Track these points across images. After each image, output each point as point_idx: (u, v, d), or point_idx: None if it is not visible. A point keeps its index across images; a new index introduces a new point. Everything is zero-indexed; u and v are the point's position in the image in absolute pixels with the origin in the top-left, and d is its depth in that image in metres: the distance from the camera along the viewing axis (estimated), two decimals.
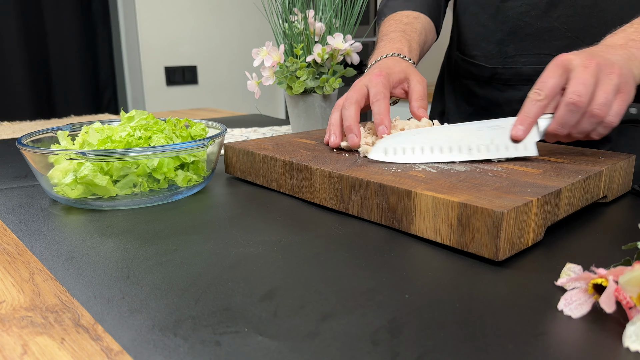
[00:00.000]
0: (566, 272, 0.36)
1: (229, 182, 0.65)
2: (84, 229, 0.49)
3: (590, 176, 0.49)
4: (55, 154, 0.53)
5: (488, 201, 0.40)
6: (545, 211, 0.43)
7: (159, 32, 2.66)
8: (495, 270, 0.39)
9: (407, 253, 0.42)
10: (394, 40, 0.77)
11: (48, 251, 0.43)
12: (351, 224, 0.49)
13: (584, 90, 0.49)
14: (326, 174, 0.52)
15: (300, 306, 0.33)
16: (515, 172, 0.50)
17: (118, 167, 0.54)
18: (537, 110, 0.52)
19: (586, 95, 0.49)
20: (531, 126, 0.53)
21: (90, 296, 0.35)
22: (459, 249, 0.42)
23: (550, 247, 0.43)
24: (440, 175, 0.49)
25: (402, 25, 0.81)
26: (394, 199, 0.46)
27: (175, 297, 0.35)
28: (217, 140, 0.59)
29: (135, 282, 0.37)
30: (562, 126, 0.51)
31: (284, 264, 0.40)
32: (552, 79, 0.51)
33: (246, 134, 1.02)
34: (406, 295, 0.35)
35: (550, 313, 0.32)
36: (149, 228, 0.48)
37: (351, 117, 0.60)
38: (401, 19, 0.83)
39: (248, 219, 0.51)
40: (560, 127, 0.51)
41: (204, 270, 0.39)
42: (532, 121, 0.52)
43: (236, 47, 2.96)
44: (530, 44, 0.76)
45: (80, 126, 0.66)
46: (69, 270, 0.39)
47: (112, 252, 0.43)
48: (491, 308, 0.33)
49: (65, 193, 0.54)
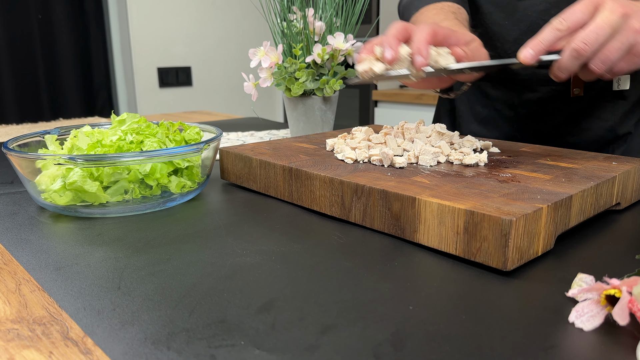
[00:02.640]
0: (577, 282, 0.36)
1: (225, 189, 0.65)
2: (73, 237, 0.49)
3: (602, 182, 0.49)
4: (43, 159, 0.53)
5: (496, 208, 0.40)
6: (555, 219, 0.43)
7: (151, 32, 2.67)
8: (503, 280, 0.39)
9: (411, 263, 0.42)
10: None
11: (35, 261, 0.44)
12: (352, 232, 0.49)
13: (593, 40, 0.51)
14: (326, 180, 0.52)
15: (300, 318, 0.34)
16: (524, 177, 0.50)
17: (109, 172, 0.55)
18: (553, 39, 0.53)
19: (593, 45, 0.51)
20: (541, 53, 0.54)
21: (80, 308, 0.35)
22: (466, 258, 0.42)
23: (561, 256, 0.43)
24: (446, 182, 0.49)
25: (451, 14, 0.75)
26: (397, 206, 0.46)
27: (169, 309, 0.35)
28: (212, 144, 0.60)
29: (126, 293, 0.37)
30: (560, 70, 0.54)
31: (283, 274, 0.40)
32: (580, 13, 0.52)
33: (243, 138, 1.02)
34: (410, 306, 0.35)
35: (561, 325, 0.33)
36: (141, 236, 0.49)
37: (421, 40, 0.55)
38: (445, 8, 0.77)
39: (245, 227, 0.51)
40: (559, 71, 0.54)
41: (198, 280, 0.39)
42: (544, 48, 0.54)
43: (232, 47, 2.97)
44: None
45: (69, 130, 0.66)
46: (57, 281, 0.40)
47: (102, 261, 0.43)
48: (499, 320, 0.33)
49: (53, 200, 0.54)
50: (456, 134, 0.63)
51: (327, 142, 0.65)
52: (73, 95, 2.59)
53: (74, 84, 2.57)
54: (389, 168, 0.55)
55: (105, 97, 2.73)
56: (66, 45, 2.52)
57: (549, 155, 0.60)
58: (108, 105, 2.74)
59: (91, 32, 2.61)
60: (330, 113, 0.90)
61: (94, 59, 2.64)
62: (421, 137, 0.61)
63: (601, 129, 0.79)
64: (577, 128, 0.80)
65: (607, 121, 0.78)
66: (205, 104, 2.93)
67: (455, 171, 0.53)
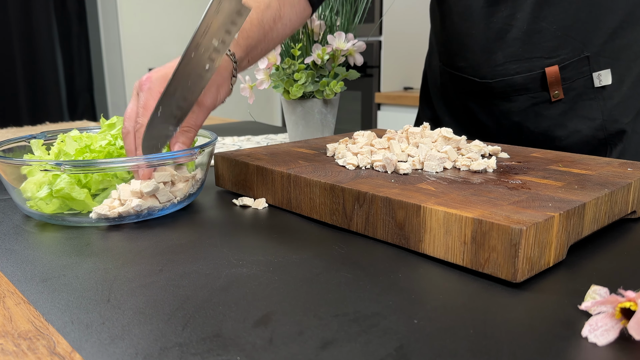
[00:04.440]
0: (591, 295, 0.36)
1: (220, 196, 0.66)
2: (60, 247, 0.49)
3: (617, 189, 0.49)
4: (29, 164, 0.54)
5: (505, 217, 0.41)
6: (568, 228, 0.43)
7: (142, 30, 2.68)
8: (513, 293, 0.39)
9: (415, 274, 0.42)
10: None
11: (20, 272, 0.44)
12: (354, 242, 0.49)
13: None
14: (327, 187, 0.53)
15: (298, 332, 0.34)
16: (534, 184, 0.50)
17: (97, 179, 0.55)
18: None
19: None
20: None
21: (67, 321, 0.36)
22: (473, 269, 0.42)
23: (574, 267, 0.43)
24: (452, 189, 0.49)
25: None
26: (401, 214, 0.46)
27: (161, 323, 0.35)
28: (206, 149, 0.60)
29: (116, 306, 0.37)
30: None
31: (281, 285, 0.40)
32: None
33: (239, 143, 1.02)
34: (415, 320, 0.35)
35: (573, 340, 0.33)
36: (132, 246, 0.49)
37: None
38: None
39: (241, 237, 0.51)
40: None
41: (192, 292, 0.39)
42: None
43: None
44: (520, 48, 0.78)
45: (56, 134, 0.66)
46: (43, 293, 0.40)
47: (91, 272, 0.43)
48: (509, 335, 0.33)
49: (39, 208, 0.54)
50: (463, 139, 0.63)
51: (328, 147, 0.65)
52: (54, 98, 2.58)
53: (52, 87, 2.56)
54: (393, 174, 0.55)
55: (87, 99, 2.72)
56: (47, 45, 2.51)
57: (561, 161, 0.60)
58: (90, 108, 2.73)
59: (73, 32, 2.61)
60: (330, 116, 0.90)
61: (75, 59, 2.64)
62: (426, 142, 0.61)
63: (591, 129, 0.80)
64: (566, 131, 0.81)
65: (596, 119, 0.80)
66: None
67: (462, 178, 0.53)
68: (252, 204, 0.60)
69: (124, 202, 0.53)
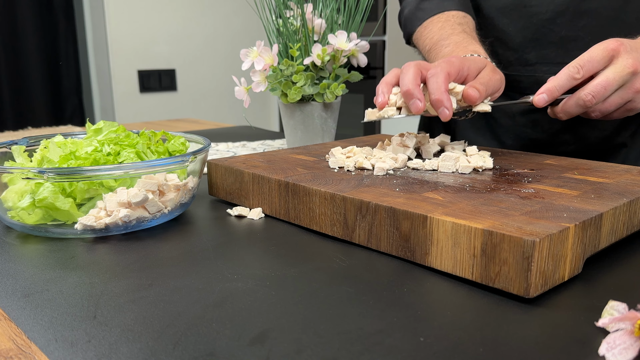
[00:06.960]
0: (609, 311, 0.37)
1: (213, 206, 0.66)
2: (44, 260, 0.49)
3: (636, 199, 0.50)
4: (10, 172, 0.54)
5: (517, 228, 0.41)
6: (584, 240, 0.43)
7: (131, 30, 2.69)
8: (525, 309, 0.39)
9: (422, 289, 0.43)
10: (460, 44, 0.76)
11: (1, 287, 0.44)
12: (356, 255, 0.49)
13: (601, 95, 0.60)
14: (327, 196, 0.53)
15: (297, 351, 0.34)
16: (548, 193, 0.51)
17: (83, 188, 0.55)
18: (568, 85, 0.61)
19: (599, 99, 0.61)
20: (554, 99, 0.62)
21: (51, 339, 0.36)
22: (483, 284, 0.42)
23: (590, 281, 0.44)
24: (461, 198, 0.49)
25: (458, 26, 0.81)
26: (406, 225, 0.47)
27: (150, 340, 0.35)
28: (199, 156, 0.60)
29: (103, 323, 0.38)
30: (563, 113, 0.64)
31: (278, 301, 0.40)
32: (597, 62, 0.61)
33: (233, 150, 1.03)
34: (421, 338, 0.35)
35: (590, 359, 0.33)
36: (119, 259, 0.49)
37: (410, 80, 0.60)
38: (451, 19, 0.83)
39: (235, 249, 0.51)
40: (562, 114, 0.64)
41: (183, 308, 0.39)
42: (558, 95, 0.62)
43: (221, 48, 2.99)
44: (553, 52, 0.83)
45: (39, 140, 0.67)
46: (25, 309, 0.40)
47: (76, 287, 0.43)
48: (521, 353, 0.33)
49: (21, 219, 0.55)
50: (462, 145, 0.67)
51: (334, 153, 0.65)
52: (39, 101, 2.59)
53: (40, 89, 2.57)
54: (398, 183, 0.55)
55: (75, 103, 2.73)
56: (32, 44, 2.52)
57: (577, 169, 0.60)
58: (79, 112, 2.74)
59: (60, 30, 2.62)
60: (331, 121, 0.90)
61: (62, 60, 2.64)
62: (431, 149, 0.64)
63: (597, 139, 0.86)
64: (574, 137, 0.87)
65: (605, 131, 0.86)
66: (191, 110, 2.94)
67: (471, 186, 0.54)
68: (247, 214, 0.60)
69: (110, 212, 0.53)
